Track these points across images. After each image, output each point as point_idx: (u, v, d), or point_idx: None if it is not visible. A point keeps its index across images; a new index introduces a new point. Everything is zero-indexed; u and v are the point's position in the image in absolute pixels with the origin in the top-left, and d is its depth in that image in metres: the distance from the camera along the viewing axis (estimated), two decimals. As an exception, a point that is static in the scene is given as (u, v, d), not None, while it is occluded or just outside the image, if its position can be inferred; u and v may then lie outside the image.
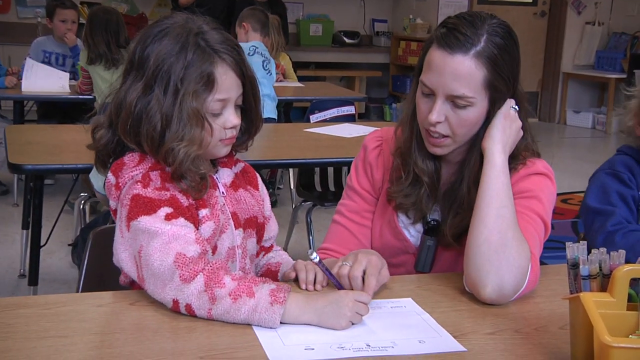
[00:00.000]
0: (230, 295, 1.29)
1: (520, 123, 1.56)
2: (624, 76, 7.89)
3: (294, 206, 4.21)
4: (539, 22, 8.73)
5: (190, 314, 1.32)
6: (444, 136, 1.54)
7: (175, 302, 1.31)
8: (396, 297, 1.48)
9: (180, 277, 1.30)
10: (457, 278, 1.55)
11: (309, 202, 3.70)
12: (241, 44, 1.46)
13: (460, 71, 1.48)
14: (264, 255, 1.66)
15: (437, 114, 1.51)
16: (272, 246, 1.67)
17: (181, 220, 1.37)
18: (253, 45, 4.48)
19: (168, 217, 1.36)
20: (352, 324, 1.32)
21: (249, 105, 1.51)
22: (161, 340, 1.24)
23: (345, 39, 8.40)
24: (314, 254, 1.37)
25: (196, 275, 1.30)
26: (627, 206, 1.88)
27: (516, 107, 1.56)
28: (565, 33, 8.65)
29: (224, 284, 1.30)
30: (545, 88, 8.85)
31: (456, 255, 1.61)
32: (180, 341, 1.24)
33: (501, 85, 1.51)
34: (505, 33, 1.52)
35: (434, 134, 1.54)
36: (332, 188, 3.91)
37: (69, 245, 3.76)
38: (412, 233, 1.67)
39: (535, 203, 1.55)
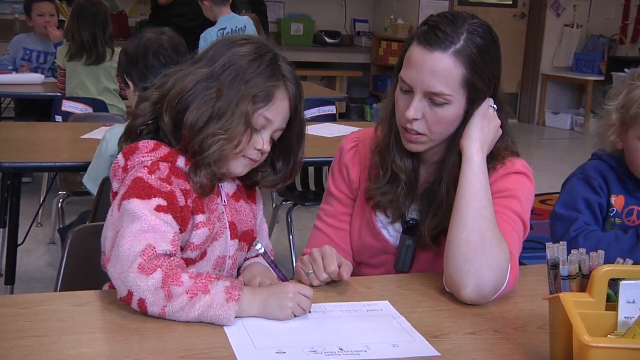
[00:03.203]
0: (187, 293, 1.29)
1: (498, 122, 1.57)
2: (602, 78, 7.97)
3: (274, 205, 4.21)
4: (519, 23, 8.79)
5: (142, 309, 1.30)
6: (421, 134, 1.54)
7: (130, 293, 1.30)
8: (376, 297, 1.48)
9: (139, 265, 1.29)
10: (437, 278, 1.55)
11: (289, 202, 3.69)
12: (210, 31, 1.47)
13: (439, 68, 1.48)
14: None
15: (415, 110, 1.51)
16: (257, 256, 1.66)
17: (168, 217, 1.37)
18: (221, 29, 4.44)
19: (158, 209, 1.36)
20: (295, 315, 1.34)
21: (290, 146, 1.54)
22: (141, 340, 1.24)
23: (326, 38, 8.39)
24: (259, 245, 1.43)
25: (155, 270, 1.29)
26: (592, 213, 1.90)
27: (494, 105, 1.56)
28: (544, 35, 8.71)
29: (182, 282, 1.30)
30: (524, 89, 8.91)
31: (436, 255, 1.62)
32: (160, 341, 1.24)
33: (480, 84, 1.52)
34: (485, 33, 1.52)
35: (411, 130, 1.54)
36: (312, 188, 3.90)
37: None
38: (391, 233, 1.68)
39: (514, 202, 1.55)
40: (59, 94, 4.34)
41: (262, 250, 1.44)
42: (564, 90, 8.93)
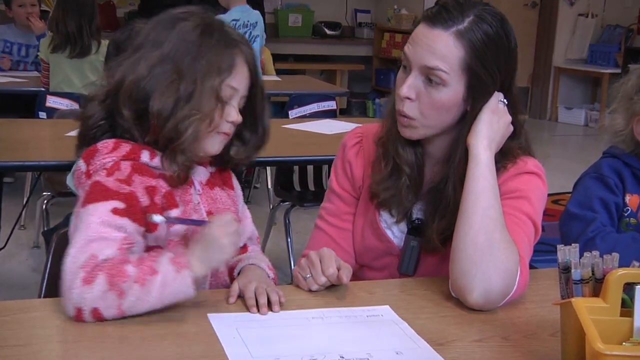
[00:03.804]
0: (137, 282, 1.30)
1: (509, 118, 1.57)
2: (618, 71, 7.96)
3: (271, 207, 4.21)
4: (530, 13, 8.79)
5: (98, 318, 1.31)
6: (412, 117, 1.55)
7: (79, 310, 1.30)
8: (378, 303, 1.48)
9: (83, 279, 1.30)
10: (442, 282, 1.56)
11: (287, 203, 3.70)
12: (220, 17, 1.49)
13: (437, 44, 1.50)
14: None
15: (408, 87, 1.52)
16: (245, 249, 1.67)
17: (124, 220, 1.38)
18: (234, 20, 4.51)
19: (115, 212, 1.37)
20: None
21: (255, 113, 1.56)
22: (130, 349, 1.24)
23: (326, 30, 8.39)
24: (156, 217, 1.40)
25: (97, 276, 1.30)
26: (608, 213, 1.90)
27: (505, 100, 1.57)
28: (557, 25, 8.71)
29: (128, 274, 1.31)
30: (535, 83, 8.92)
31: (442, 258, 1.62)
32: (150, 349, 1.24)
33: (482, 74, 1.52)
34: (495, 22, 1.52)
35: (402, 112, 1.55)
36: (311, 188, 3.90)
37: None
38: (396, 234, 1.68)
39: (525, 204, 1.56)
40: (42, 89, 4.34)
41: (161, 220, 1.41)
42: (578, 84, 8.93)
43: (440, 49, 1.49)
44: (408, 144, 1.62)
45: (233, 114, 1.49)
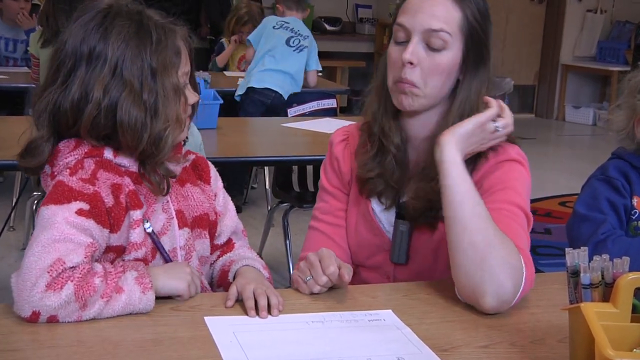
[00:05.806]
0: (102, 298, 1.32)
1: (494, 143, 1.58)
2: (628, 68, 7.97)
3: (269, 208, 4.21)
4: (536, 9, 8.80)
5: (52, 322, 1.31)
6: (416, 85, 1.58)
7: (35, 313, 1.30)
8: (380, 307, 1.48)
9: (47, 284, 1.29)
10: (447, 286, 1.56)
11: (285, 204, 3.70)
12: (270, 17, 1.54)
13: (438, 8, 1.57)
14: (219, 256, 1.66)
15: (411, 53, 1.56)
16: (231, 245, 1.68)
17: (90, 222, 1.38)
18: (282, 20, 4.65)
19: (79, 213, 1.37)
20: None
21: (192, 80, 1.57)
22: (124, 354, 1.24)
23: (326, 25, 8.41)
24: (147, 224, 1.46)
25: (65, 284, 1.30)
26: (617, 216, 1.91)
27: (498, 125, 1.57)
28: (564, 22, 8.72)
29: (95, 288, 1.32)
30: (542, 81, 8.92)
31: (435, 244, 1.63)
32: (144, 354, 1.24)
33: (478, 36, 1.59)
34: (486, 6, 1.62)
35: (405, 80, 1.58)
36: (311, 188, 3.91)
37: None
38: (387, 228, 1.69)
39: (512, 193, 1.57)
40: (32, 85, 4.34)
41: (150, 230, 1.46)
42: (586, 82, 8.94)
43: (441, 11, 1.57)
44: (394, 123, 1.65)
45: (192, 97, 1.53)
